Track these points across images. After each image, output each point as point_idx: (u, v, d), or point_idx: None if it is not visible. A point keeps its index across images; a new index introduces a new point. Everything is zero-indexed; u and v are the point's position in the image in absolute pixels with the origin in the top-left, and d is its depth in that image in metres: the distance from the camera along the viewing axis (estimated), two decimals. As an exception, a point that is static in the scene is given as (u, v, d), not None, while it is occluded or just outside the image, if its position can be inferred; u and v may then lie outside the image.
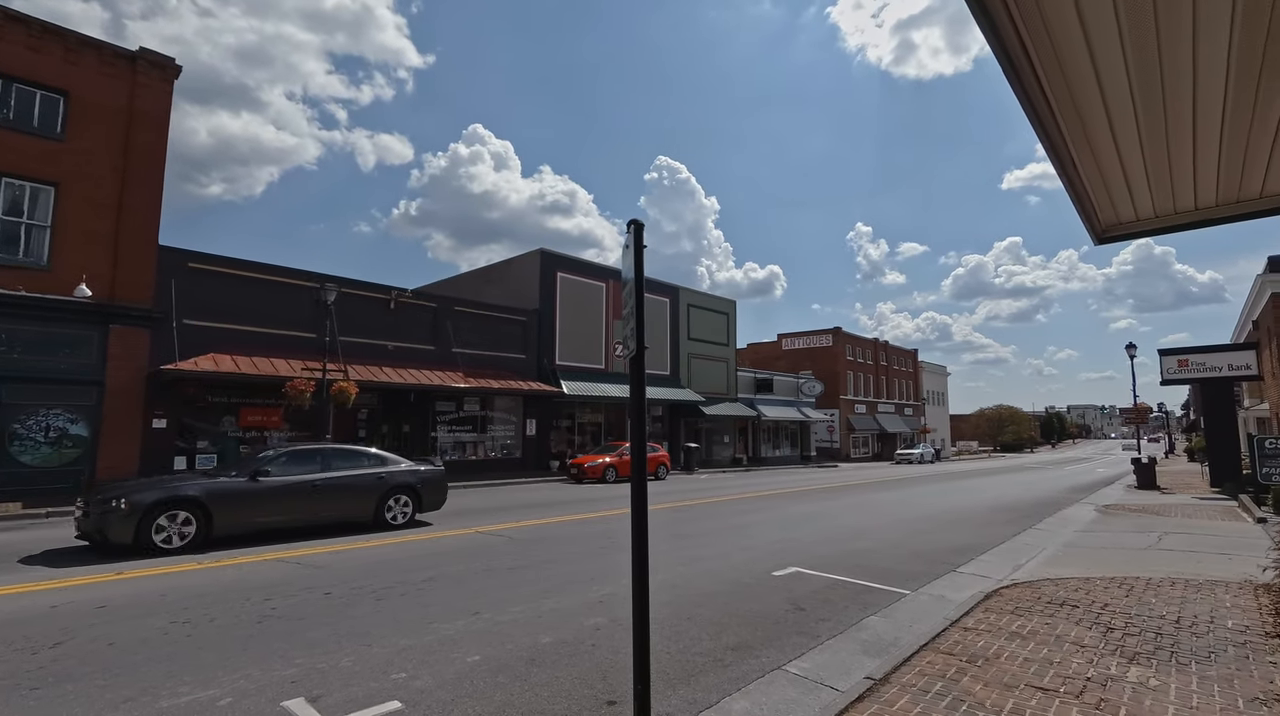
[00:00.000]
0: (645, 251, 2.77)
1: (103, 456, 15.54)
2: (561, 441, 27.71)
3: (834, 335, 54.78)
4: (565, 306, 27.77)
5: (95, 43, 16.43)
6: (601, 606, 5.82)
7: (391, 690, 3.91)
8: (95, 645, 4.67)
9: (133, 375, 16.10)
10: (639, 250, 2.46)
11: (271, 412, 18.64)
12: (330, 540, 9.31)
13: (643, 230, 2.47)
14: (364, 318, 20.95)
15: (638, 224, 2.46)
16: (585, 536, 9.94)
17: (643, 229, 2.47)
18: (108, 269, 16.00)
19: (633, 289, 2.51)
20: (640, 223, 2.45)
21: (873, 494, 18.88)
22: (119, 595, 6.12)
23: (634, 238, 2.46)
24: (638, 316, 2.44)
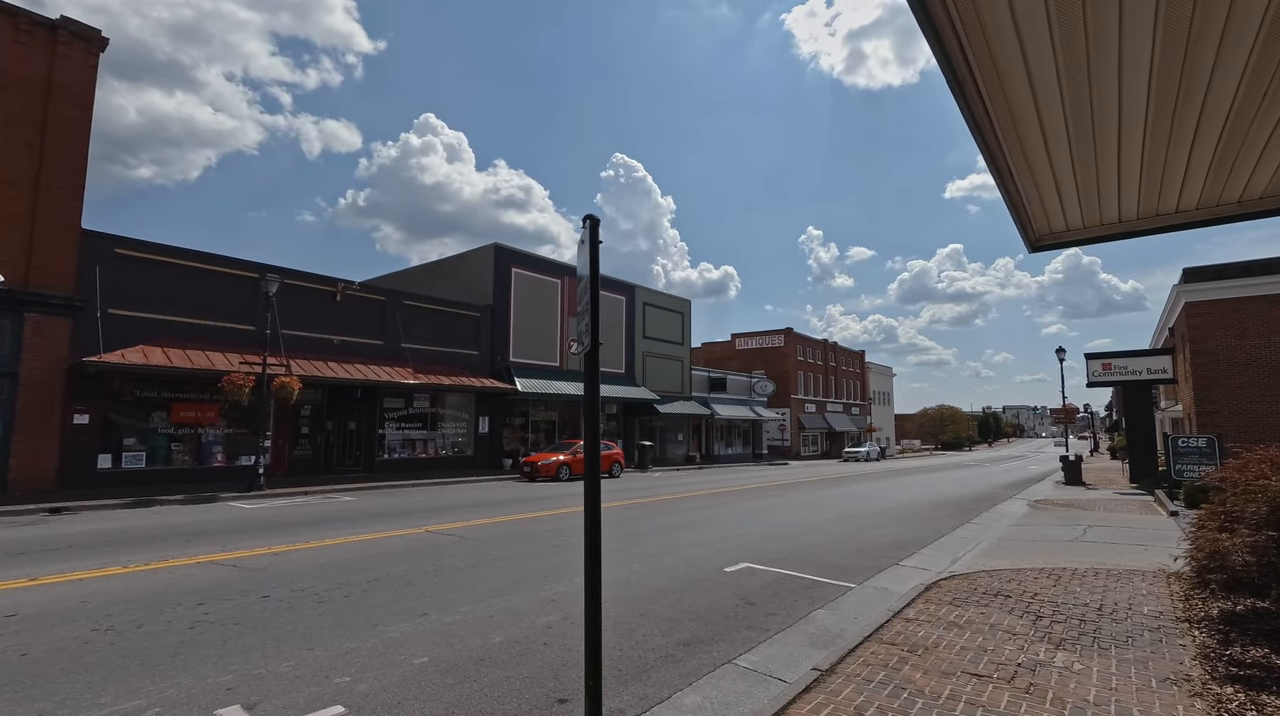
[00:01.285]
0: (602, 248, 2.77)
1: (16, 453, 14.49)
2: (515, 439, 27.38)
3: (785, 336, 55.94)
4: (520, 302, 27.45)
5: (9, 8, 15.29)
6: (554, 604, 5.78)
7: (334, 694, 3.79)
8: (5, 656, 4.36)
9: (50, 367, 15.07)
10: (594, 246, 2.45)
11: (207, 408, 17.75)
12: (268, 541, 8.94)
13: (598, 226, 2.46)
14: (308, 310, 20.20)
15: (593, 219, 2.45)
16: (537, 534, 9.85)
17: (598, 224, 2.46)
18: (22, 252, 14.93)
19: (588, 285, 2.50)
20: (596, 218, 2.45)
21: (821, 490, 19.38)
22: (32, 601, 5.72)
23: (590, 233, 2.45)
24: (593, 312, 2.44)
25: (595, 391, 2.53)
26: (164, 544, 8.75)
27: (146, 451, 16.85)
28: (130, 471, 16.38)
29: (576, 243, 2.74)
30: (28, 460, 14.65)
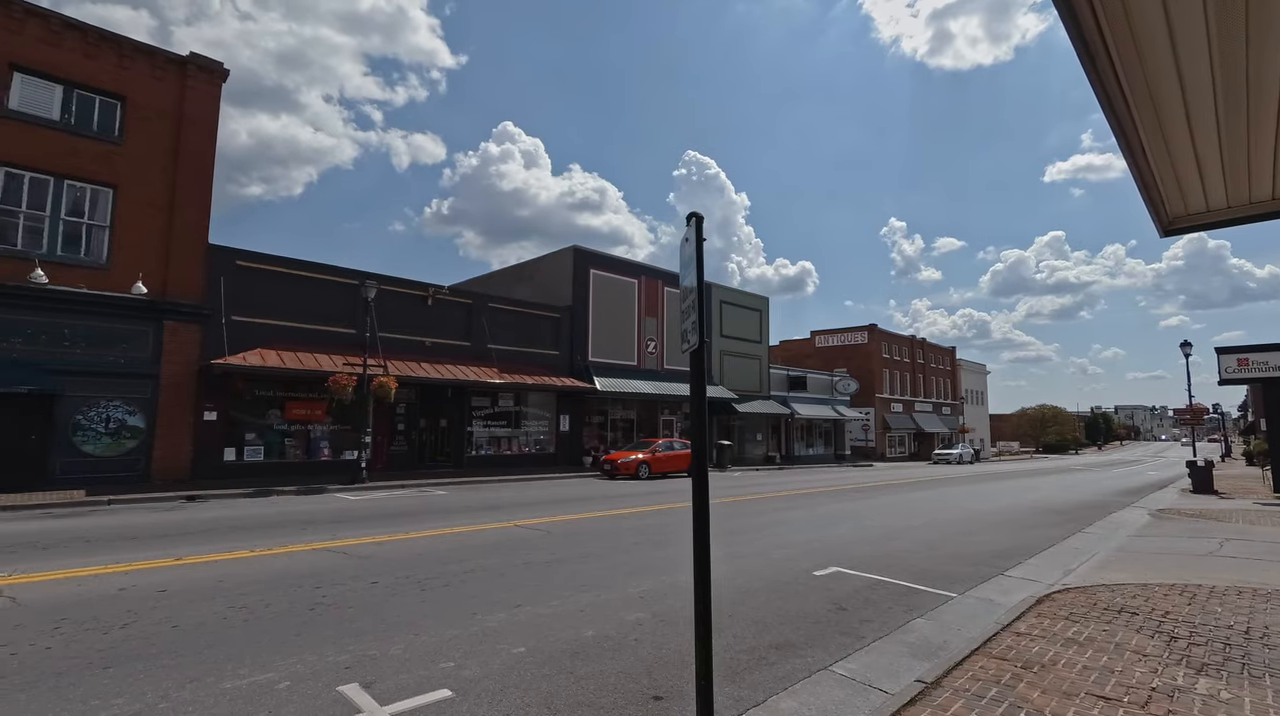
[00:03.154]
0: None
1: (158, 447, 16.20)
2: (593, 437, 27.87)
3: (869, 332, 53.84)
4: (598, 303, 27.88)
5: (147, 48, 17.08)
6: (641, 601, 5.83)
7: (441, 678, 3.98)
8: (159, 627, 4.87)
9: (185, 369, 16.74)
10: (699, 243, 2.44)
11: (315, 406, 19.17)
12: (372, 531, 9.54)
13: (703, 223, 2.45)
14: (402, 314, 21.38)
15: (698, 217, 2.44)
16: (620, 531, 9.97)
17: (702, 222, 2.45)
18: (161, 267, 16.65)
19: (693, 282, 2.49)
20: (700, 215, 2.43)
21: (910, 493, 18.51)
22: (179, 580, 6.37)
23: (694, 231, 2.43)
24: (699, 310, 2.43)
25: (702, 390, 2.51)
26: (282, 531, 9.52)
27: (264, 446, 18.41)
28: (251, 463, 17.94)
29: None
30: (167, 452, 16.36)
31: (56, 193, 15.52)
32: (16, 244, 14.93)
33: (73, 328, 15.26)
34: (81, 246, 15.82)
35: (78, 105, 15.99)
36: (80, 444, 15.29)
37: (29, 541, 8.44)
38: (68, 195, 15.68)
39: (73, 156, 15.67)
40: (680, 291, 2.69)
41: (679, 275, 2.62)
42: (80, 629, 4.80)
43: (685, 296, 2.59)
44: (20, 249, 14.90)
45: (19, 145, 14.99)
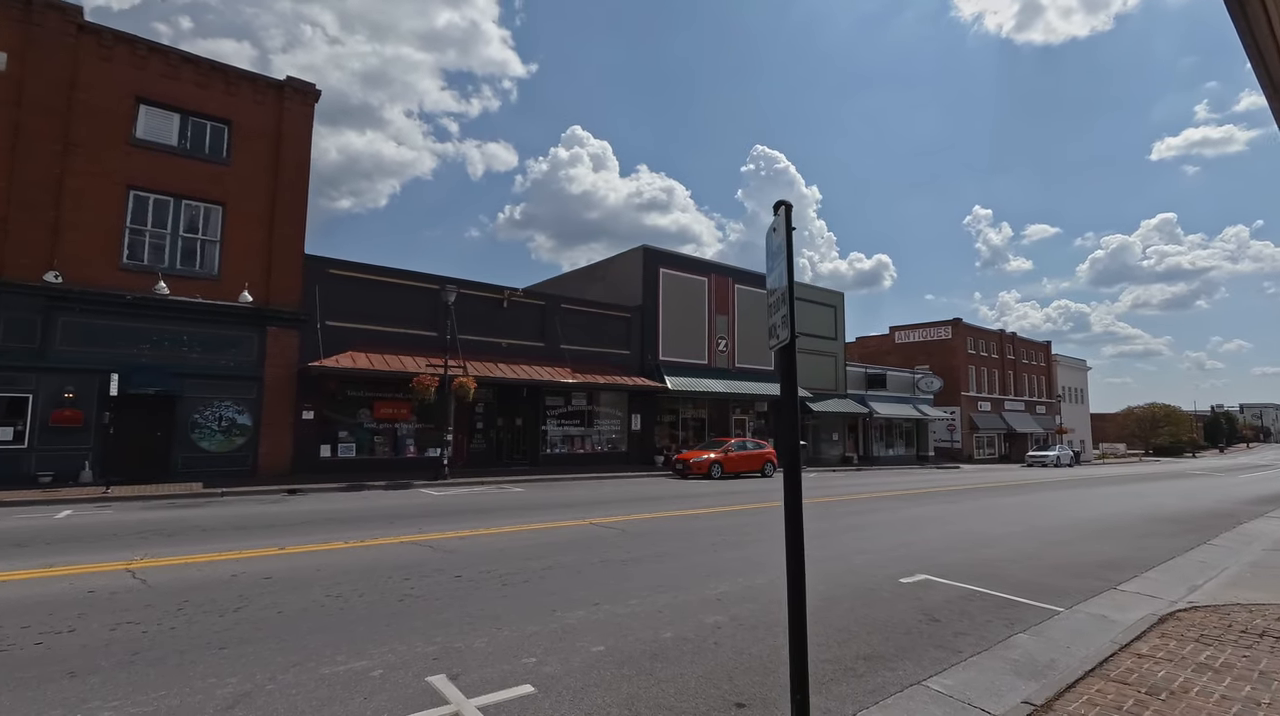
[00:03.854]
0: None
1: (263, 443, 17.50)
2: (665, 436, 27.86)
3: (953, 327, 51.10)
4: (668, 302, 27.85)
5: (250, 75, 18.48)
6: (719, 604, 5.73)
7: (523, 674, 4.04)
8: (266, 612, 5.22)
9: (285, 371, 17.99)
10: (789, 233, 2.33)
11: (401, 405, 20.15)
12: (455, 525, 9.89)
13: (791, 212, 2.33)
14: (479, 316, 22.12)
15: (787, 205, 2.33)
16: (695, 532, 9.87)
17: (791, 210, 2.33)
18: (263, 277, 17.97)
19: (783, 274, 2.37)
20: (789, 204, 2.32)
21: (1002, 498, 17.38)
22: (282, 568, 6.82)
23: (784, 220, 2.32)
24: (790, 303, 2.32)
25: (793, 387, 2.40)
26: (372, 524, 10.04)
27: (355, 443, 19.53)
28: (343, 460, 19.08)
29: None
30: (271, 449, 17.64)
31: (175, 212, 17.06)
32: (143, 259, 16.52)
33: (190, 334, 16.73)
34: (197, 260, 17.32)
35: (192, 131, 17.51)
36: (198, 440, 16.75)
37: (157, 528, 9.29)
38: (185, 214, 17.21)
39: (189, 178, 17.18)
40: (768, 284, 2.58)
41: (765, 268, 2.51)
42: (199, 611, 5.21)
43: (773, 289, 2.48)
44: (146, 264, 16.48)
45: (144, 170, 16.58)
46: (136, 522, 9.89)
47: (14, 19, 15.25)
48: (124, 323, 15.90)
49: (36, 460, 14.75)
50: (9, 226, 14.84)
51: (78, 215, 15.63)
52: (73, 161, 15.66)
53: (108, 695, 3.61)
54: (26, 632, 4.61)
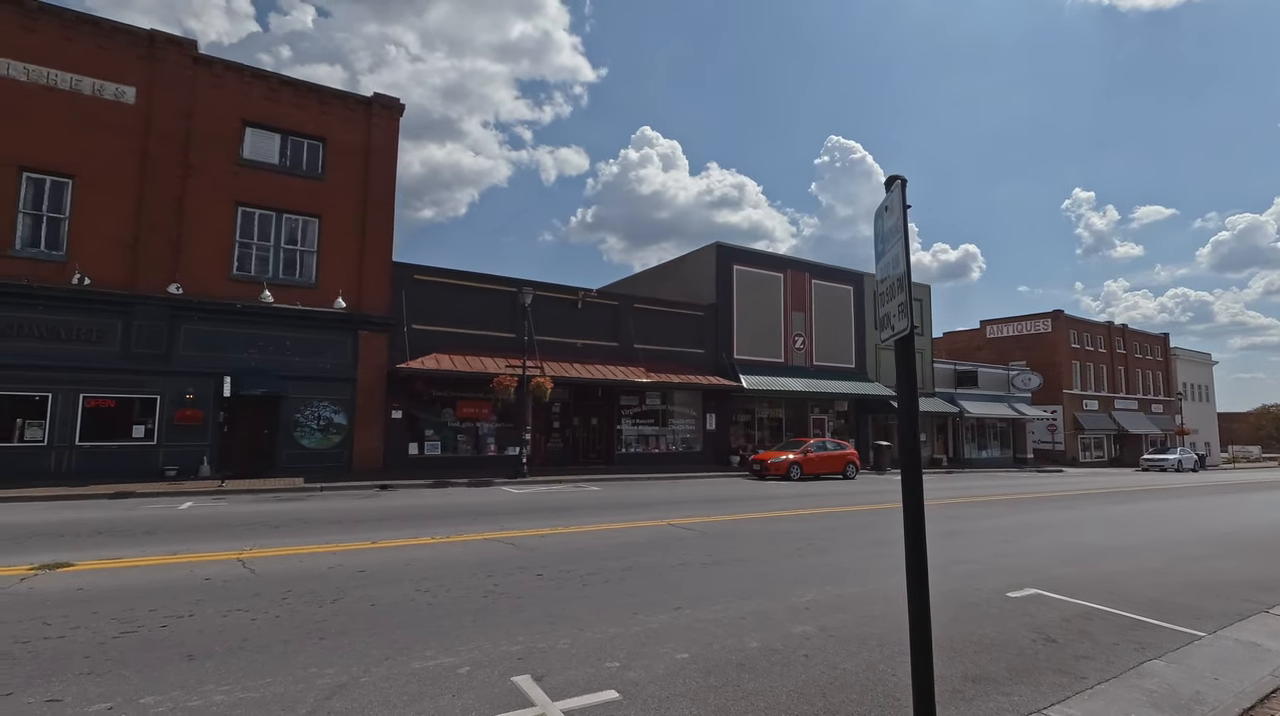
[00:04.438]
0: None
1: (357, 441, 18.53)
2: (740, 436, 27.39)
3: (1053, 319, 47.47)
4: (742, 299, 27.36)
5: (340, 94, 19.60)
6: (807, 613, 5.46)
7: (607, 678, 3.96)
8: (360, 605, 5.42)
9: (376, 373, 18.97)
10: (904, 212, 2.09)
11: (482, 405, 20.80)
12: (535, 523, 10.03)
13: (905, 187, 2.09)
14: (555, 317, 22.50)
15: (901, 180, 2.09)
16: (777, 536, 9.56)
17: (905, 185, 2.09)
18: (355, 284, 19.01)
19: (900, 258, 2.14)
20: (903, 179, 2.08)
21: (1117, 506, 15.89)
22: (374, 562, 7.10)
23: (898, 198, 2.09)
24: (908, 289, 2.09)
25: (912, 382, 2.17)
26: (457, 520, 10.34)
27: (440, 441, 20.34)
28: (429, 457, 19.90)
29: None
30: (364, 446, 18.65)
31: (278, 225, 18.35)
32: (250, 270, 17.87)
33: (292, 339, 17.95)
34: (296, 269, 18.55)
35: (291, 149, 18.78)
36: (299, 438, 17.94)
37: (264, 521, 9.96)
38: (286, 227, 18.47)
39: (289, 193, 18.44)
40: (878, 270, 2.35)
41: (875, 253, 2.29)
42: (301, 601, 5.48)
43: (886, 275, 2.25)
44: (253, 274, 17.81)
45: (251, 188, 17.93)
46: (246, 515, 10.66)
47: (140, 56, 16.86)
48: (234, 329, 17.25)
49: (164, 455, 16.24)
50: (139, 245, 16.42)
51: (195, 231, 17.10)
52: (191, 183, 17.15)
53: (220, 678, 3.82)
54: (153, 616, 4.99)
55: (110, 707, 3.42)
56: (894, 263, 2.17)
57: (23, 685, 3.68)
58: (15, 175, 15.48)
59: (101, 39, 16.46)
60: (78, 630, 4.62)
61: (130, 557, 7.07)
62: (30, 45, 15.70)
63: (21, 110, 15.49)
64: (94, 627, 4.68)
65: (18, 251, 15.41)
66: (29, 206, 15.69)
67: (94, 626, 4.71)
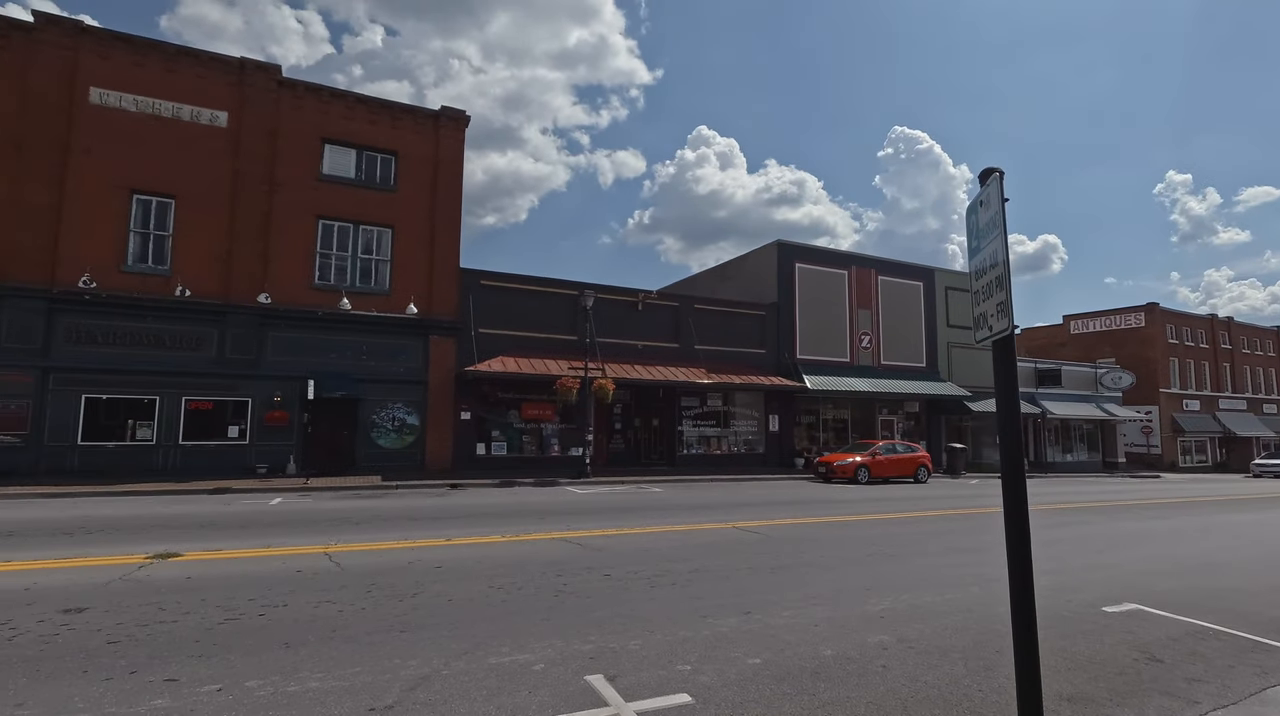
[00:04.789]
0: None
1: (429, 442, 19.27)
2: (804, 438, 26.81)
3: (1147, 313, 44.14)
4: (805, 298, 26.78)
5: (410, 108, 20.45)
6: (882, 622, 5.27)
7: (678, 681, 3.95)
8: (438, 600, 5.62)
9: (445, 376, 19.67)
10: (1003, 206, 1.99)
11: (546, 407, 21.22)
12: (600, 523, 10.15)
13: (1002, 180, 1.98)
14: (615, 319, 22.69)
15: (999, 173, 1.98)
16: (846, 540, 9.29)
17: (1002, 179, 1.99)
18: (426, 290, 19.78)
19: (997, 253, 2.04)
20: (1000, 171, 1.98)
21: (1225, 515, 14.60)
22: (449, 558, 7.36)
23: (995, 192, 1.98)
24: (1007, 287, 1.99)
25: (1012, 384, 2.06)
26: (524, 519, 10.59)
27: (506, 442, 20.89)
28: (495, 457, 20.47)
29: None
30: (435, 446, 19.37)
31: (354, 236, 19.33)
32: (330, 279, 18.90)
33: (368, 344, 18.87)
34: (372, 278, 19.49)
35: (366, 163, 19.75)
36: (376, 438, 18.82)
37: (345, 517, 10.51)
38: (361, 237, 19.44)
39: (364, 205, 19.40)
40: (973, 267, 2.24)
41: (968, 249, 2.18)
42: (384, 594, 5.74)
43: (982, 272, 2.14)
44: (332, 283, 18.83)
45: (329, 201, 18.97)
46: (330, 511, 11.27)
47: (231, 82, 18.14)
48: (316, 335, 18.29)
49: (255, 453, 17.39)
50: (232, 258, 17.66)
51: (281, 244, 18.24)
52: (277, 198, 18.31)
53: (314, 666, 4.05)
54: (252, 604, 5.35)
55: (219, 689, 3.69)
56: (991, 259, 2.06)
57: (144, 665, 4.02)
58: (127, 197, 16.96)
59: (199, 69, 17.81)
60: (188, 615, 5.01)
61: (230, 549, 7.61)
62: (139, 78, 17.17)
63: (132, 138, 16.96)
64: (201, 614, 5.06)
65: (129, 267, 16.88)
66: (138, 225, 17.16)
67: (201, 612, 5.09)
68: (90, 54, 16.71)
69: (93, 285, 16.05)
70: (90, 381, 16.15)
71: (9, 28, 16.14)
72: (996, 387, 2.08)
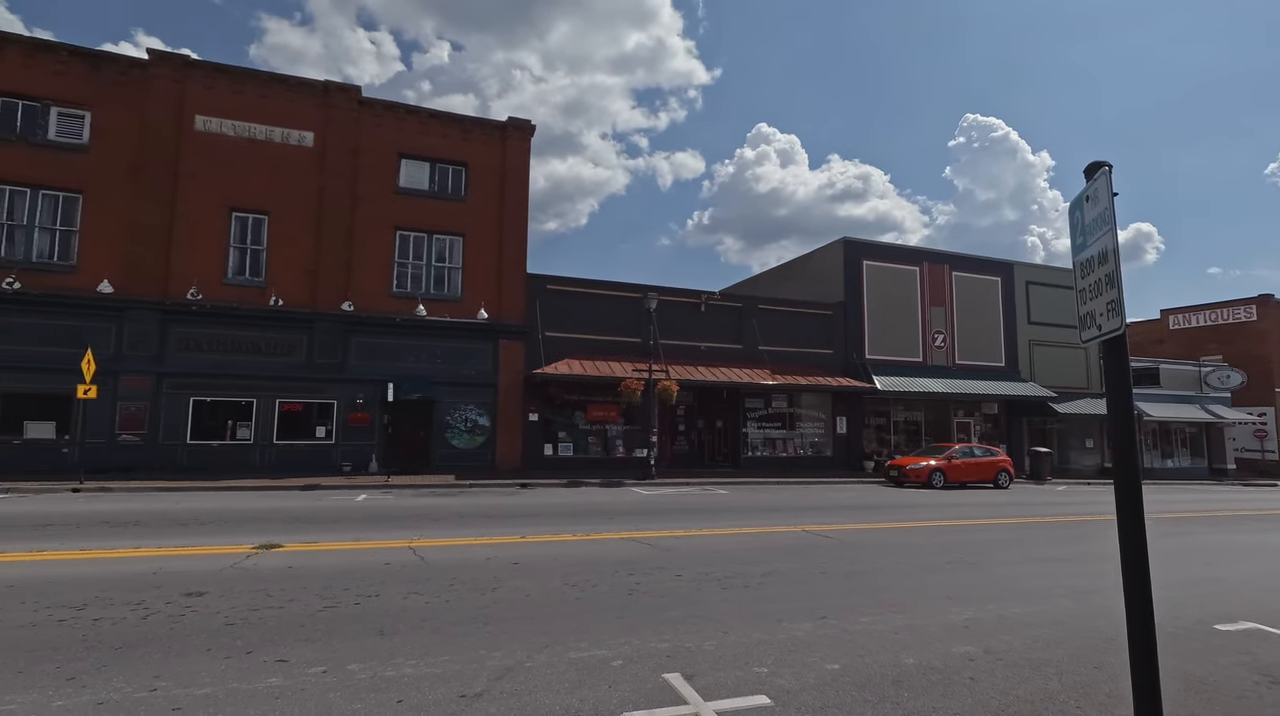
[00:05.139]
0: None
1: (499, 442, 19.90)
2: (873, 440, 25.99)
3: (1259, 305, 40.23)
4: (873, 296, 25.99)
5: (478, 121, 21.21)
6: (967, 632, 5.09)
7: (756, 683, 3.95)
8: (516, 595, 5.84)
9: (514, 378, 20.26)
10: (1111, 200, 1.92)
11: (610, 408, 21.50)
12: (668, 524, 10.21)
13: (1110, 174, 1.91)
14: (678, 321, 22.73)
15: (1106, 167, 1.91)
16: (923, 547, 8.98)
17: (1110, 172, 1.91)
18: (495, 295, 20.45)
19: (1107, 250, 1.96)
20: (1109, 165, 1.90)
21: (1360, 529, 13.13)
22: (525, 555, 7.61)
23: (1104, 186, 1.91)
24: (1118, 285, 1.91)
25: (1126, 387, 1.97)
26: (593, 519, 10.78)
27: (572, 443, 21.30)
28: (562, 458, 20.90)
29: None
30: (505, 447, 19.99)
31: (428, 246, 20.22)
32: (407, 287, 19.84)
33: (442, 348, 19.69)
34: (445, 285, 20.33)
35: (439, 175, 20.63)
36: (450, 439, 19.60)
37: (425, 513, 11.01)
38: (434, 246, 20.32)
39: (437, 216, 20.26)
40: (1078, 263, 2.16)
41: (1072, 246, 2.10)
42: (465, 588, 6.01)
43: (1089, 269, 2.07)
44: (409, 291, 19.76)
45: (405, 213, 19.93)
46: (410, 507, 11.84)
47: (316, 104, 19.36)
48: (394, 340, 19.24)
49: (340, 453, 18.46)
50: (319, 269, 18.83)
51: (362, 255, 19.31)
52: (358, 212, 19.39)
53: (408, 653, 4.30)
54: (348, 593, 5.71)
55: (324, 671, 3.97)
56: (1101, 257, 1.97)
57: (258, 646, 4.38)
58: (226, 216, 18.39)
59: (289, 93, 19.11)
60: (292, 602, 5.41)
61: (324, 542, 8.14)
62: (237, 105, 18.60)
63: (231, 161, 18.39)
64: (304, 601, 5.45)
65: (229, 279, 18.29)
66: (236, 241, 18.57)
67: (304, 600, 5.48)
68: (196, 85, 18.24)
69: (199, 297, 17.50)
70: (197, 385, 17.61)
71: (129, 65, 17.84)
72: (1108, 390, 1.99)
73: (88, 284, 16.76)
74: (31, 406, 16.47)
